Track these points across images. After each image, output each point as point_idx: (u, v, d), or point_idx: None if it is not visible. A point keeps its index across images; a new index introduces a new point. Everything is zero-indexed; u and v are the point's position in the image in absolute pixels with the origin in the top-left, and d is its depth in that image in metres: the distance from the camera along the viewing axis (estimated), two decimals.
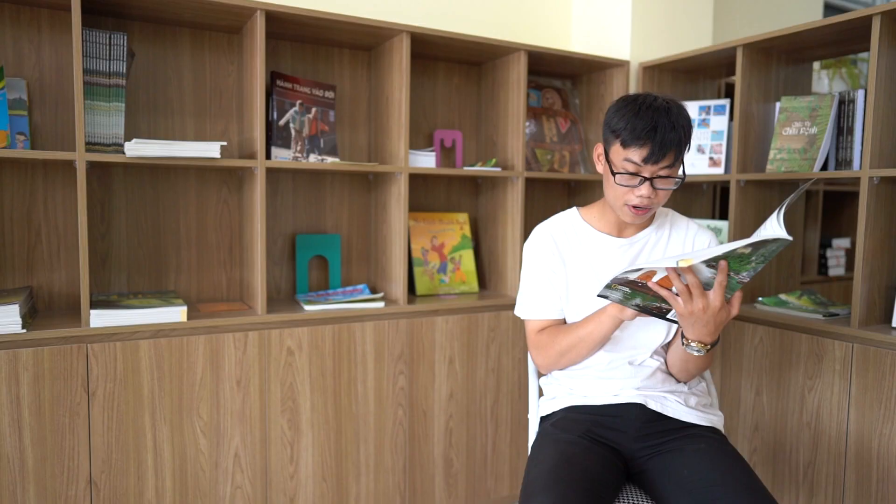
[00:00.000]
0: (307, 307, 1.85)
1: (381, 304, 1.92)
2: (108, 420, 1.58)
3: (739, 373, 1.98)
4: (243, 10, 1.71)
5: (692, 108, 2.27)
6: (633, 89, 2.36)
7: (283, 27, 1.86)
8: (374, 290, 2.11)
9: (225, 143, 1.70)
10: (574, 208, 1.54)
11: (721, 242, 1.62)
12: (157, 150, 1.59)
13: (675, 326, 1.44)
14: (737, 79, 2.01)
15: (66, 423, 1.54)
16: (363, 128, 2.16)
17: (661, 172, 1.33)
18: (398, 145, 1.96)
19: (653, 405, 1.40)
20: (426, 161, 2.02)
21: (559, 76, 2.49)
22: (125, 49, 1.63)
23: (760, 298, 2.01)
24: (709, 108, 2.24)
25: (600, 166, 1.42)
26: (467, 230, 2.29)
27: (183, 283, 1.93)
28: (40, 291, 1.75)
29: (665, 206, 1.56)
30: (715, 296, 1.20)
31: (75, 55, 1.51)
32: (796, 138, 1.90)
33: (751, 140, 2.05)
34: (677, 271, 1.18)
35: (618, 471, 1.34)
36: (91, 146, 1.59)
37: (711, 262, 1.17)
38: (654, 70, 2.35)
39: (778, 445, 1.88)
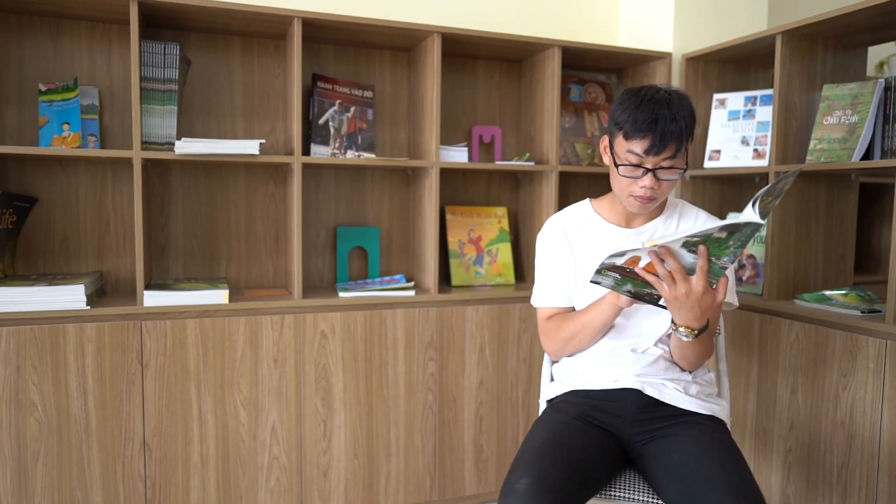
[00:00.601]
0: (341, 294, 1.97)
1: (411, 293, 2.02)
2: (159, 390, 1.77)
3: (776, 370, 1.93)
4: (283, 19, 1.85)
5: (737, 98, 2.21)
6: (675, 82, 2.33)
7: (323, 32, 2.00)
8: (410, 280, 2.21)
9: (263, 141, 1.85)
10: (587, 200, 1.57)
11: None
12: (202, 148, 1.76)
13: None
14: (776, 68, 1.95)
15: (124, 390, 1.74)
16: (403, 125, 2.26)
17: (664, 164, 1.34)
18: (430, 141, 2.04)
19: (649, 391, 1.41)
20: (458, 156, 2.10)
21: (603, 70, 2.49)
22: (178, 58, 1.81)
23: (803, 294, 1.94)
24: (755, 98, 2.18)
25: (606, 158, 1.45)
26: (505, 224, 2.35)
27: (233, 271, 2.11)
28: (108, 275, 1.98)
29: (703, 197, 1.55)
30: (697, 280, 1.21)
31: (133, 64, 1.71)
32: (836, 127, 1.83)
33: (792, 131, 1.98)
34: (660, 256, 1.20)
35: (612, 453, 1.36)
36: (147, 145, 1.79)
37: (692, 248, 1.18)
38: (698, 61, 2.30)
39: (812, 445, 1.81)
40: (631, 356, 1.45)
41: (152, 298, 1.75)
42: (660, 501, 1.33)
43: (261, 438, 1.88)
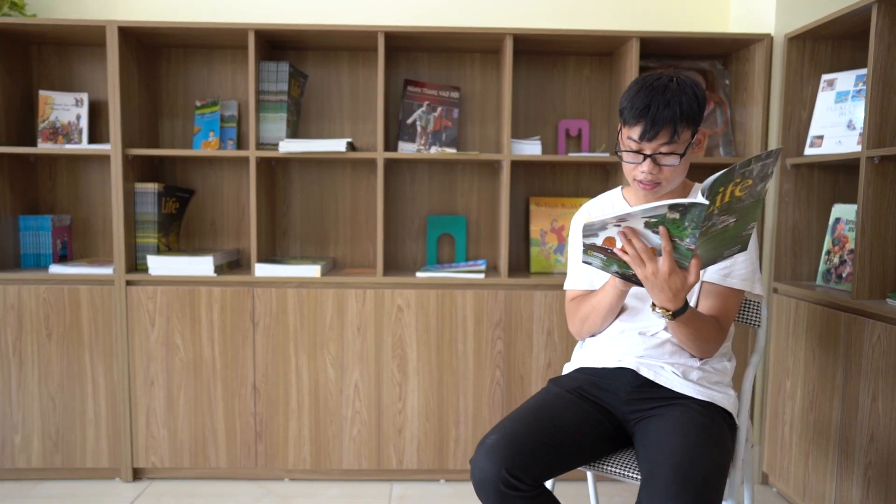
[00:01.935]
0: (418, 274, 2.22)
1: (480, 276, 2.20)
2: (265, 345, 2.18)
3: (859, 375, 1.77)
4: (370, 34, 2.15)
5: (847, 78, 2.03)
6: (777, 65, 2.19)
7: (413, 42, 2.26)
8: (493, 266, 2.38)
9: (350, 140, 2.17)
10: (619, 187, 1.64)
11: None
12: (299, 147, 2.13)
13: (691, 302, 1.46)
14: (871, 40, 1.78)
15: (240, 343, 2.18)
16: (492, 122, 2.44)
17: (662, 149, 1.38)
18: (503, 135, 2.20)
19: (645, 372, 1.45)
20: (530, 149, 2.22)
21: (706, 57, 2.41)
22: (287, 74, 2.20)
23: (894, 293, 1.75)
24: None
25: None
26: None
27: (340, 251, 2.47)
28: (243, 251, 2.45)
29: (809, 188, 1.53)
30: (663, 261, 1.24)
31: (250, 81, 2.13)
32: None
33: (891, 111, 1.79)
34: (627, 237, 1.26)
35: (601, 428, 1.43)
36: (261, 146, 2.20)
37: (654, 229, 1.22)
38: (801, 41, 2.14)
39: (891, 460, 1.65)
40: (638, 338, 1.50)
41: (262, 270, 2.17)
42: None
43: (345, 394, 2.21)
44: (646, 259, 1.25)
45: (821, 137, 2.08)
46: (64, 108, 2.29)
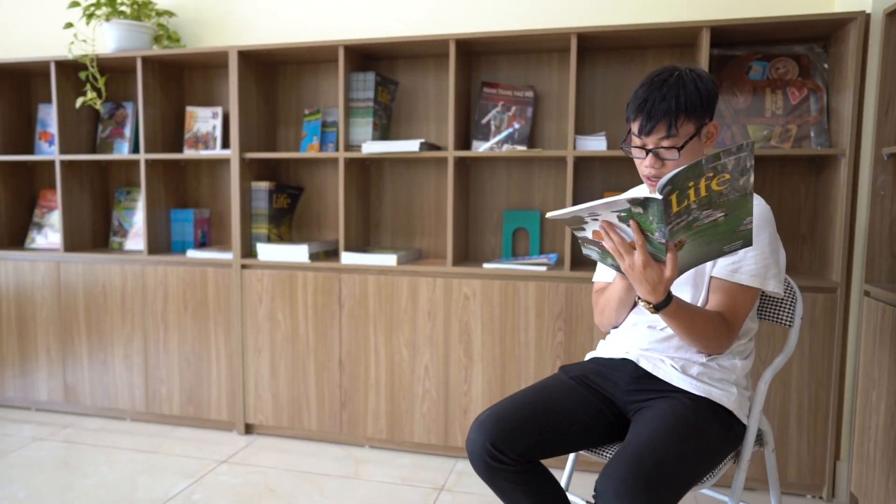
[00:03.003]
0: (485, 265, 2.35)
1: (542, 268, 2.27)
2: (349, 324, 2.46)
3: None
4: (441, 42, 2.32)
5: None
6: (875, 46, 1.99)
7: (490, 46, 2.39)
8: (562, 259, 2.43)
9: (423, 141, 2.36)
10: None
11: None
12: (378, 148, 2.37)
13: (700, 297, 1.46)
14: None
15: (328, 321, 2.48)
16: (567, 119, 2.49)
17: (664, 143, 1.40)
18: (568, 131, 2.25)
19: (644, 364, 1.47)
20: (594, 144, 2.25)
21: (802, 41, 2.24)
22: (374, 82, 2.45)
23: None
24: None
25: None
26: None
27: (425, 243, 2.68)
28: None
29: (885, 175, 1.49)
30: (637, 254, 1.27)
31: (340, 89, 2.42)
32: None
33: None
34: (606, 230, 1.31)
35: (600, 415, 1.48)
36: (350, 148, 2.48)
37: (626, 223, 1.26)
38: None
39: None
40: (646, 332, 1.51)
41: (347, 258, 2.45)
42: None
43: (417, 373, 2.41)
44: (623, 252, 1.27)
45: None
46: (204, 120, 2.76)
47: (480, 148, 2.43)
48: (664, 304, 1.31)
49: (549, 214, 1.28)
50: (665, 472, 1.20)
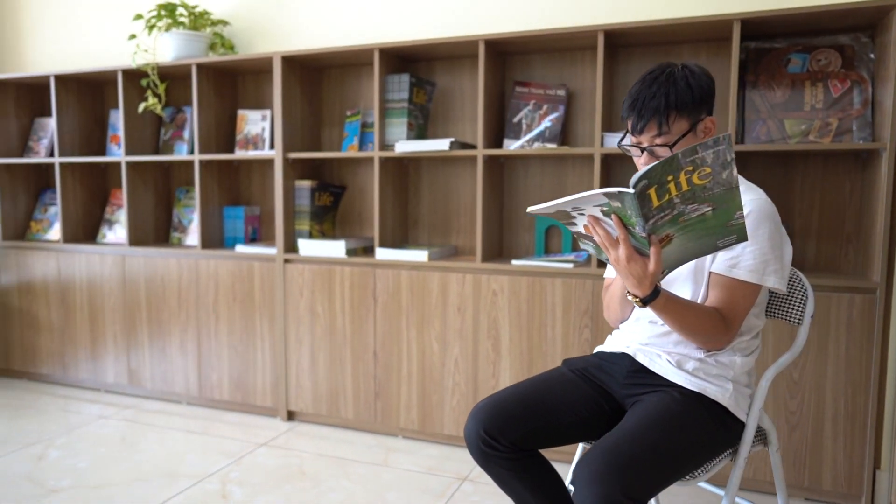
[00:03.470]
0: (514, 262, 2.38)
1: (569, 266, 2.28)
2: (383, 318, 2.54)
3: None
4: (470, 44, 2.37)
5: None
6: None
7: (522, 46, 2.42)
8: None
9: (454, 140, 2.41)
10: None
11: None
12: (411, 147, 2.44)
13: (700, 292, 1.45)
14: None
15: (364, 314, 2.58)
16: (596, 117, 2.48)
17: (658, 141, 1.41)
18: (595, 129, 2.25)
19: (640, 358, 1.47)
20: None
21: (847, 31, 2.15)
22: (408, 84, 2.53)
23: None
24: None
25: None
26: None
27: (461, 240, 2.73)
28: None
29: None
30: (620, 248, 1.28)
31: (375, 90, 2.51)
32: None
33: None
34: (592, 224, 1.33)
35: (597, 408, 1.49)
36: (385, 147, 2.57)
37: (609, 217, 1.28)
38: None
39: None
40: (648, 326, 1.52)
41: (381, 254, 2.54)
42: None
43: (447, 367, 2.47)
44: (608, 246, 1.29)
45: None
46: (254, 122, 2.92)
47: (511, 146, 2.47)
48: (651, 297, 1.30)
49: (529, 209, 1.30)
50: (641, 463, 1.21)
